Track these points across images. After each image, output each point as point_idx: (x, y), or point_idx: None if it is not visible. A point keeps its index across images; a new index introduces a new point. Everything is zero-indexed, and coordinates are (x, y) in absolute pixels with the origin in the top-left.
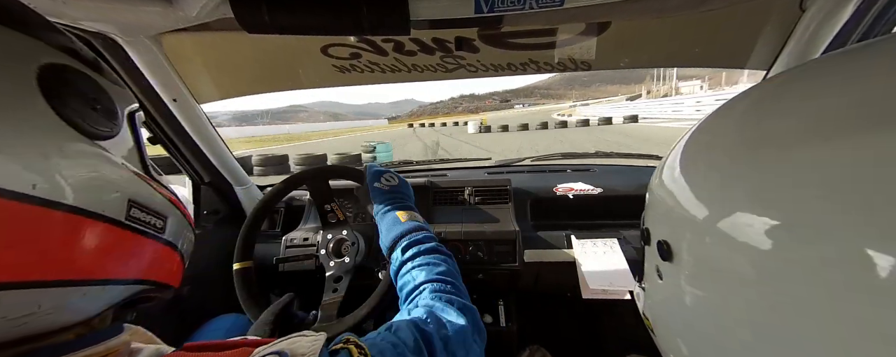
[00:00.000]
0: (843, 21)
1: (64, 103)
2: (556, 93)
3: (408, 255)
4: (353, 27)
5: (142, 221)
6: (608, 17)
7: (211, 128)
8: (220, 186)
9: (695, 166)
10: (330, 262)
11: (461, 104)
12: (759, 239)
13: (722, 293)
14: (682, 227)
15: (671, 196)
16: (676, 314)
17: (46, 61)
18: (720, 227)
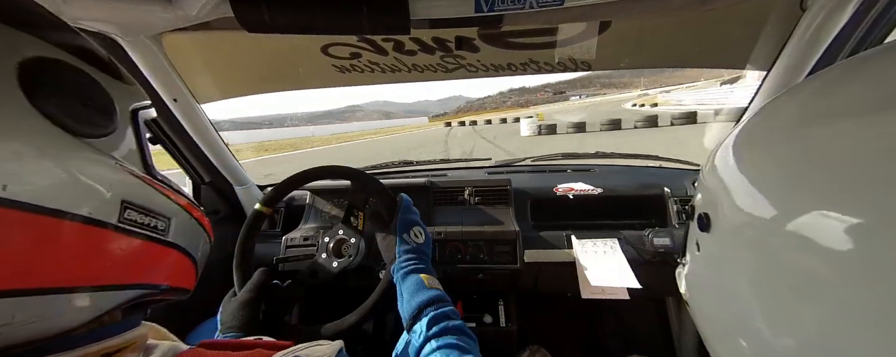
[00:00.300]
0: (844, 21)
1: (47, 99)
2: (619, 81)
3: (433, 331)
4: (353, 26)
5: (139, 223)
6: (608, 16)
7: (211, 128)
8: (220, 186)
9: (747, 147)
10: (333, 263)
11: (510, 98)
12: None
13: (747, 261)
14: (718, 199)
15: (718, 172)
16: (708, 282)
17: (31, 55)
18: (757, 205)
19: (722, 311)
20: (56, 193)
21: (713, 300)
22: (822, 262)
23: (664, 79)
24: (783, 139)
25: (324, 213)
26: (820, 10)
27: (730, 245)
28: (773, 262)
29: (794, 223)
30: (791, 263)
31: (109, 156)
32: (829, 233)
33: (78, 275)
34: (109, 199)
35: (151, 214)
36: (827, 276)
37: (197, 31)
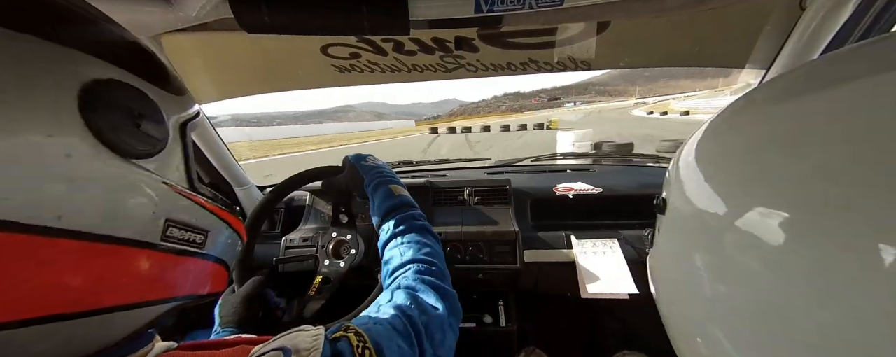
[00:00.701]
0: (843, 20)
1: (104, 123)
2: (614, 89)
3: (399, 229)
4: (352, 27)
5: (179, 240)
6: (608, 16)
7: (211, 128)
8: (220, 187)
9: (702, 142)
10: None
11: (504, 103)
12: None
13: (692, 239)
14: (673, 183)
15: (677, 162)
16: (664, 260)
17: (92, 78)
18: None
19: (673, 290)
20: (105, 220)
21: (667, 279)
22: (757, 255)
23: (658, 88)
24: (722, 138)
25: (323, 214)
26: (819, 9)
27: (677, 222)
28: (715, 247)
29: (737, 218)
30: (731, 252)
31: (157, 174)
32: (761, 226)
33: (124, 295)
34: (154, 220)
35: (191, 229)
36: (756, 268)
37: (196, 32)
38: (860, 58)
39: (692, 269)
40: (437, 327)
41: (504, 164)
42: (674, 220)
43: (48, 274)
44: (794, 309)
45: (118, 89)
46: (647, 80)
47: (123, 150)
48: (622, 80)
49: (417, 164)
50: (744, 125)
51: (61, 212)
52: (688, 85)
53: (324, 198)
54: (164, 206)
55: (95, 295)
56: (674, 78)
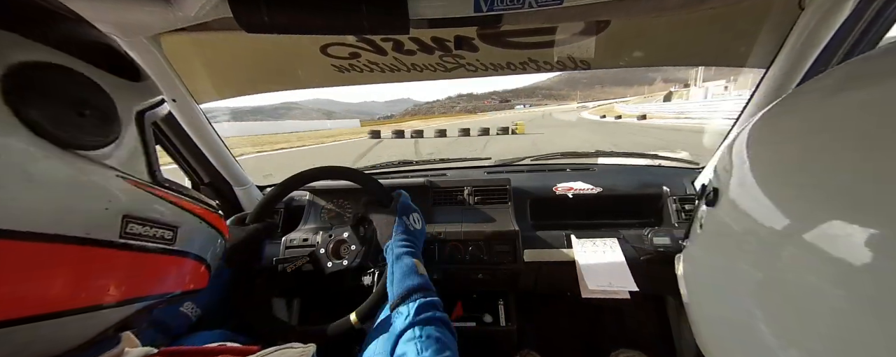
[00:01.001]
0: (843, 19)
1: (37, 111)
2: (558, 93)
3: (419, 318)
4: (352, 26)
5: (143, 236)
6: (607, 15)
7: (210, 128)
8: (219, 187)
9: (770, 134)
10: (328, 263)
11: (458, 104)
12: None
13: (747, 247)
14: (731, 175)
15: (733, 150)
16: (705, 263)
17: (17, 60)
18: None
19: (716, 297)
20: (49, 217)
21: (708, 283)
22: (831, 277)
23: (595, 93)
24: (799, 138)
25: (323, 214)
26: (818, 8)
27: (733, 223)
28: (778, 263)
29: (809, 233)
30: (799, 272)
31: (109, 166)
32: (843, 245)
33: (81, 297)
34: (109, 215)
35: (156, 225)
36: (835, 293)
37: (196, 32)
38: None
39: (750, 277)
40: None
41: (504, 163)
42: (728, 216)
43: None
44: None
45: (54, 73)
46: (585, 85)
47: (64, 141)
48: (565, 85)
49: (417, 163)
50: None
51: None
52: (619, 91)
53: (324, 198)
54: (119, 201)
55: (44, 299)
56: (607, 84)
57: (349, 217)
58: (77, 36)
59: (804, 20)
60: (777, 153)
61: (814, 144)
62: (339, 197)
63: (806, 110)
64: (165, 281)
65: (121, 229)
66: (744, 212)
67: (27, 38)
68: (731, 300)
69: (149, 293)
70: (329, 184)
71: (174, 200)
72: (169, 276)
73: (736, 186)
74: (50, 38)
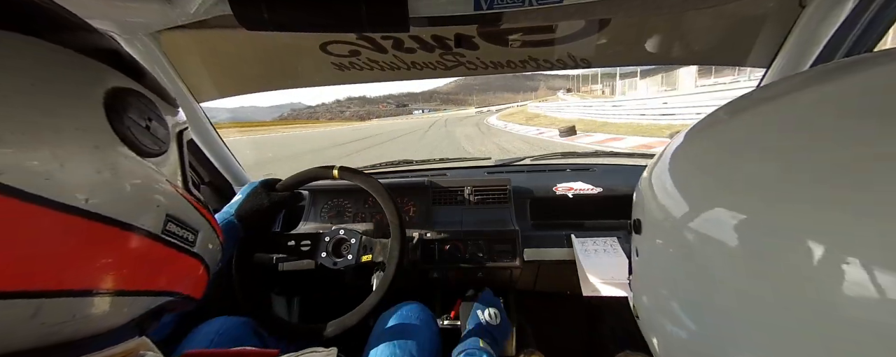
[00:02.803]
0: (843, 18)
1: (123, 124)
2: (456, 98)
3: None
4: (352, 24)
5: (176, 235)
6: (608, 14)
7: (210, 127)
8: (219, 186)
9: (676, 163)
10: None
11: (348, 108)
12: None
13: (673, 258)
14: (646, 202)
15: (651, 181)
16: (649, 288)
17: (112, 86)
18: (672, 198)
19: (665, 320)
20: (123, 207)
21: (656, 308)
22: (721, 256)
23: (489, 99)
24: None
25: (324, 213)
26: (819, 7)
27: (654, 241)
28: (685, 255)
29: (698, 220)
30: (698, 257)
31: (160, 173)
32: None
33: (127, 279)
34: (159, 213)
35: (186, 227)
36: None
37: (195, 29)
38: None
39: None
40: None
41: (504, 163)
42: (654, 234)
43: (74, 251)
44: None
45: (132, 95)
46: (480, 91)
47: (138, 148)
48: (462, 90)
49: (417, 163)
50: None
51: (88, 195)
52: (510, 96)
53: (324, 196)
54: (166, 202)
55: (103, 275)
56: (498, 90)
57: (349, 215)
58: (136, 66)
59: (805, 18)
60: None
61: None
62: (339, 196)
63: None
64: (181, 279)
65: (163, 226)
66: (660, 225)
67: (113, 68)
68: (676, 315)
69: (170, 288)
70: (328, 183)
71: (199, 208)
72: (184, 274)
73: (652, 208)
74: (129, 69)
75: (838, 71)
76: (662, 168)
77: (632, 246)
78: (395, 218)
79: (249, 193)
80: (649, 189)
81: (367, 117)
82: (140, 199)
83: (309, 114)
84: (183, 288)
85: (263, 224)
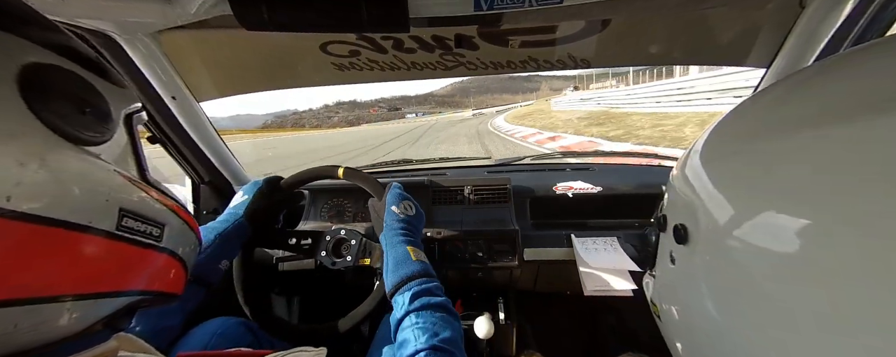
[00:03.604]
0: (843, 17)
1: (47, 107)
2: (451, 100)
3: (415, 305)
4: (352, 24)
5: (135, 230)
6: (608, 14)
7: (210, 126)
8: (219, 186)
9: (714, 153)
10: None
11: (337, 113)
12: (777, 236)
13: (733, 279)
14: (696, 210)
15: (690, 181)
16: (685, 296)
17: (30, 61)
18: (736, 216)
19: (700, 329)
20: (57, 204)
21: (690, 318)
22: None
23: (488, 100)
24: (746, 150)
25: (323, 212)
26: (819, 7)
27: (712, 259)
28: (752, 277)
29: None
30: (772, 284)
31: (106, 162)
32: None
33: (79, 283)
34: (109, 206)
35: (147, 221)
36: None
37: (196, 29)
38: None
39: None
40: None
41: (504, 162)
42: (708, 246)
43: (7, 257)
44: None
45: (60, 74)
46: (477, 92)
47: (71, 136)
48: (459, 93)
49: (417, 162)
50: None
51: (9, 192)
52: (509, 98)
53: (324, 196)
54: (116, 194)
55: (47, 281)
56: (496, 92)
57: (349, 215)
58: (72, 43)
59: (805, 18)
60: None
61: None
62: (339, 196)
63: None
64: (149, 277)
65: (117, 222)
66: (730, 258)
67: (34, 42)
68: (723, 334)
69: (137, 287)
70: (328, 183)
71: (161, 199)
72: (153, 272)
73: (711, 230)
74: (53, 43)
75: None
76: (704, 168)
77: (661, 247)
78: (378, 186)
79: (256, 193)
80: (691, 190)
81: (357, 122)
82: (80, 193)
83: (294, 121)
84: (154, 286)
85: (269, 222)
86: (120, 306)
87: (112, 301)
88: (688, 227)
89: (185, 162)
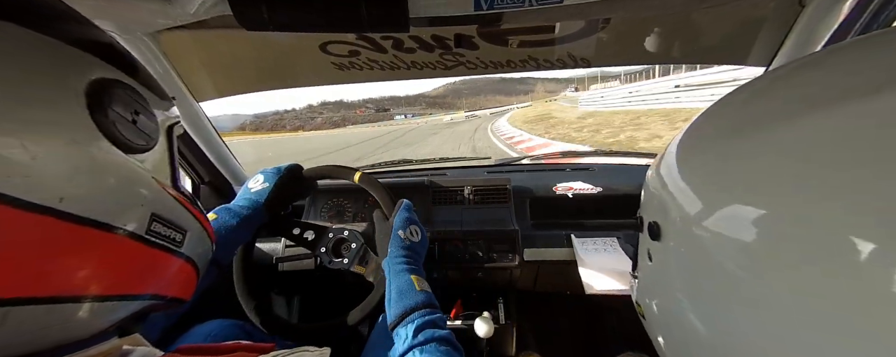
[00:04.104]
0: (843, 16)
1: (107, 118)
2: (443, 101)
3: (419, 339)
4: (352, 24)
5: (162, 236)
6: (608, 13)
7: (210, 126)
8: (219, 186)
9: (686, 152)
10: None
11: (321, 114)
12: (739, 227)
13: (702, 270)
14: (668, 206)
15: (661, 180)
16: (662, 291)
17: (96, 76)
18: (704, 208)
19: (677, 322)
20: (102, 207)
21: (669, 311)
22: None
23: (481, 101)
24: (713, 149)
25: (324, 212)
26: (818, 6)
27: (681, 252)
28: (715, 265)
29: (726, 220)
30: (722, 259)
31: (146, 170)
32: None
33: (106, 284)
34: (142, 213)
35: (173, 227)
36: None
37: (195, 29)
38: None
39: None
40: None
41: (504, 162)
42: (675, 238)
43: (46, 255)
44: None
45: (120, 88)
46: (470, 94)
47: (121, 143)
48: (451, 94)
49: (417, 162)
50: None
51: (63, 194)
52: (502, 99)
53: (324, 196)
54: (151, 201)
55: (81, 281)
56: (489, 94)
57: (349, 215)
58: (128, 58)
59: (805, 17)
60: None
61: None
62: (339, 195)
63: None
64: (167, 281)
65: (148, 226)
66: (696, 245)
67: (100, 58)
68: (691, 319)
69: (155, 292)
70: (328, 183)
71: (188, 207)
72: (170, 276)
73: (678, 219)
74: (114, 59)
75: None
76: (676, 167)
77: (640, 247)
78: (387, 199)
79: (278, 181)
80: (664, 188)
81: (342, 123)
82: (123, 197)
83: (274, 122)
84: (169, 291)
85: (282, 210)
86: (136, 309)
87: (130, 304)
88: (660, 223)
89: (185, 162)
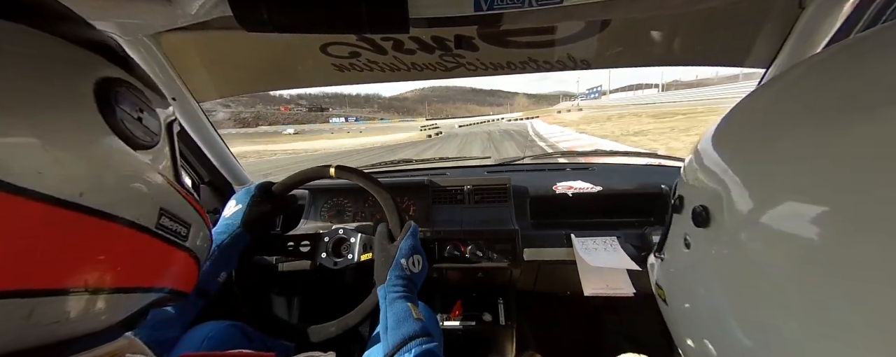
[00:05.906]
0: (843, 18)
1: (115, 115)
2: (402, 106)
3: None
4: (352, 25)
5: (169, 229)
6: (608, 14)
7: (210, 126)
8: (219, 185)
9: (745, 133)
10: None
11: (227, 107)
12: (806, 227)
13: (759, 270)
14: (725, 194)
15: (716, 162)
16: (697, 282)
17: (103, 75)
18: (765, 205)
19: (714, 318)
20: (119, 201)
21: (701, 306)
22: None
23: (445, 108)
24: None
25: (323, 212)
26: (818, 7)
27: (736, 245)
28: (783, 269)
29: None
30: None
31: (152, 165)
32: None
33: (119, 277)
34: (152, 206)
35: (179, 221)
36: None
37: (196, 31)
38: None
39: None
40: None
41: (503, 162)
42: (732, 231)
43: (71, 248)
44: None
45: (125, 86)
46: (438, 101)
47: (130, 140)
48: (416, 97)
49: (417, 162)
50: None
51: (83, 188)
52: (475, 109)
53: (324, 196)
54: (159, 195)
55: (100, 273)
56: (459, 102)
57: (349, 215)
58: (130, 60)
59: (804, 19)
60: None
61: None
62: (339, 195)
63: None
64: (172, 274)
65: (157, 220)
66: (760, 245)
67: (106, 59)
68: (736, 322)
69: (163, 285)
70: (328, 183)
71: (191, 202)
72: (176, 269)
73: (736, 215)
74: (115, 58)
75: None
76: (743, 150)
77: (674, 229)
78: (395, 216)
79: (250, 201)
80: (724, 172)
81: (253, 123)
82: (134, 192)
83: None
84: (175, 283)
85: (266, 229)
86: (144, 303)
87: (140, 296)
88: (710, 209)
89: (185, 162)
